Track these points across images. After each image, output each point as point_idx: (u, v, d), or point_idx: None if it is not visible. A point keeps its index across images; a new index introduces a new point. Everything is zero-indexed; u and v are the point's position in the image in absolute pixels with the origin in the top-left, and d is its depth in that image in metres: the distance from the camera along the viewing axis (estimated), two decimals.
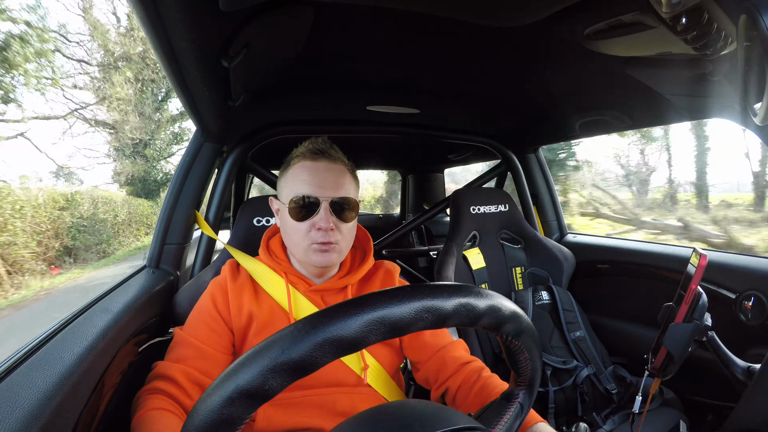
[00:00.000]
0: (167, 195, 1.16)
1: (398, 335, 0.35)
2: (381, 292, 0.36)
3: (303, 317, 0.34)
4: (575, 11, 0.68)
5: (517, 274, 1.53)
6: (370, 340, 0.34)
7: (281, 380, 0.32)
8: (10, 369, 0.55)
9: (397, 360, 0.91)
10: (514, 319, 0.42)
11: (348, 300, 0.35)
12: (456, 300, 0.37)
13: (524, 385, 0.49)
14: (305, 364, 0.32)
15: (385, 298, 0.35)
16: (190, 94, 0.85)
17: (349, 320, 0.33)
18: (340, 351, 0.33)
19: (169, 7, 0.54)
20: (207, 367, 0.78)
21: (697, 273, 0.66)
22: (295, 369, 0.32)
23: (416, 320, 0.35)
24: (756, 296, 1.04)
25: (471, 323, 0.39)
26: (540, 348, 0.47)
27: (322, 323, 0.33)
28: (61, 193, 8.74)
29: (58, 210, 8.45)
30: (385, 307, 0.34)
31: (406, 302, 0.35)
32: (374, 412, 0.40)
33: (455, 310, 0.37)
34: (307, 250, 0.81)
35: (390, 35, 0.84)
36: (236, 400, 0.31)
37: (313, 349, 0.32)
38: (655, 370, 0.73)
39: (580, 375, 1.24)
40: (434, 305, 0.36)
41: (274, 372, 0.31)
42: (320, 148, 0.83)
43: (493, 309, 0.40)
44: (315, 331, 0.32)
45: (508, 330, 0.42)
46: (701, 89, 0.91)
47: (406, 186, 3.26)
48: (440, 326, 0.37)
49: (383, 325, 0.34)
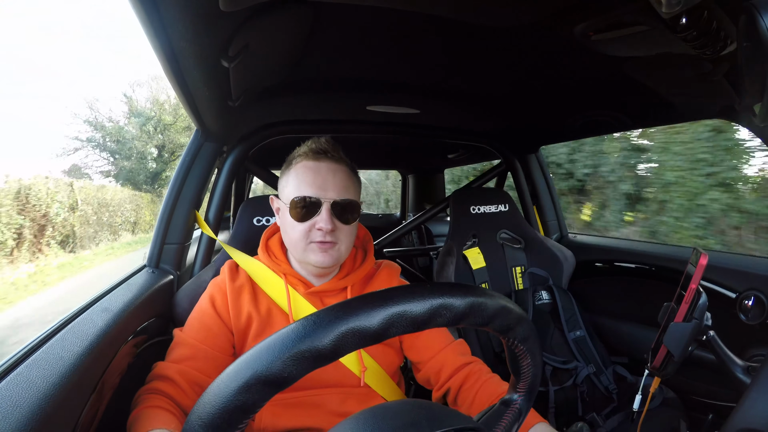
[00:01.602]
0: (167, 195, 1.16)
1: (417, 330, 0.36)
2: (403, 287, 0.37)
3: (328, 306, 0.35)
4: (575, 11, 0.68)
5: (517, 274, 1.53)
6: (391, 333, 0.34)
7: (301, 368, 0.32)
8: (10, 369, 0.55)
9: (396, 360, 0.91)
10: (523, 323, 0.43)
11: (372, 292, 0.36)
12: (471, 299, 0.38)
13: (524, 391, 0.49)
14: (328, 351, 0.32)
15: (407, 293, 0.36)
16: (190, 94, 0.85)
17: (373, 312, 0.34)
18: (362, 341, 0.33)
19: (169, 7, 0.54)
20: (206, 368, 0.78)
21: (697, 272, 0.66)
22: (318, 357, 0.32)
23: (435, 316, 0.36)
24: (756, 296, 1.04)
25: (483, 324, 0.40)
26: (542, 355, 0.47)
27: (347, 313, 0.33)
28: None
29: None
30: (407, 302, 0.35)
31: (426, 298, 0.36)
32: (374, 411, 0.40)
33: (470, 310, 0.38)
34: (306, 249, 0.81)
35: (390, 35, 0.84)
36: (253, 386, 0.31)
37: (337, 338, 0.32)
38: (655, 370, 0.73)
39: (580, 375, 1.24)
40: (452, 303, 0.37)
41: (295, 359, 0.31)
42: (323, 149, 0.83)
43: (505, 311, 0.40)
44: (341, 320, 0.33)
45: (516, 334, 0.43)
46: (701, 89, 0.91)
47: (406, 186, 3.26)
48: (456, 324, 0.38)
49: (404, 318, 0.35)
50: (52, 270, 8.13)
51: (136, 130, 16.75)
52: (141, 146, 16.68)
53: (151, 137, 16.91)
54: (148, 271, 1.08)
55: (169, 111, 17.20)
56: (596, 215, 4.47)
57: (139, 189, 15.56)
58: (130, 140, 16.60)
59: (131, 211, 12.86)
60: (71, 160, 18.32)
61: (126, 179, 16.57)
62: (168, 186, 1.19)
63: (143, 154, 16.85)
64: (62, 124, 19.08)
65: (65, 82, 30.85)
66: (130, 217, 12.77)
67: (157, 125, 16.96)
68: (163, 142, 17.00)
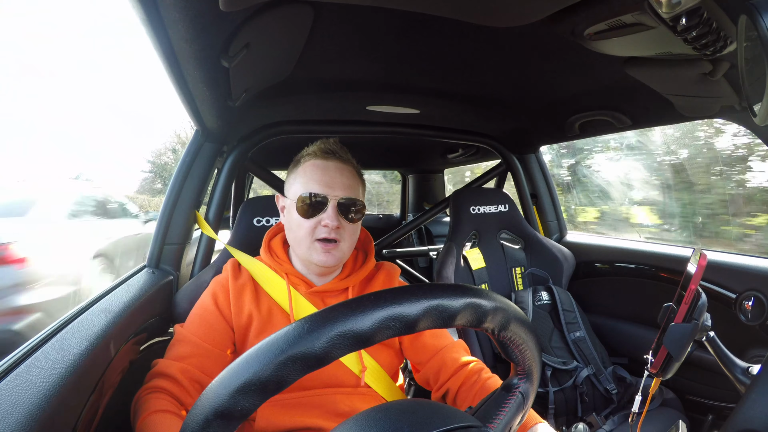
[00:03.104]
0: (167, 195, 1.16)
1: (407, 333, 0.36)
2: (393, 290, 0.37)
3: (317, 310, 0.35)
4: (575, 11, 0.68)
5: (517, 274, 1.53)
6: (379, 337, 0.34)
7: (292, 373, 0.32)
8: (10, 368, 0.55)
9: (396, 361, 0.91)
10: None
11: (360, 296, 0.36)
12: (424, 303, 0.37)
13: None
14: (320, 356, 0.32)
15: (395, 296, 0.35)
16: (190, 94, 0.85)
17: (363, 316, 0.34)
18: (353, 346, 0.33)
19: (169, 7, 0.54)
20: (207, 365, 0.78)
21: (697, 273, 0.66)
22: (307, 361, 0.32)
23: (424, 318, 0.36)
24: (756, 296, 1.04)
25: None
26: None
27: (337, 317, 0.33)
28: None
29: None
30: (396, 305, 0.35)
31: (416, 301, 0.36)
32: (373, 411, 0.40)
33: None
34: (311, 247, 0.81)
35: (390, 35, 0.84)
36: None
37: (327, 342, 0.32)
38: (655, 370, 0.73)
39: (580, 375, 1.24)
40: (442, 304, 0.37)
41: (284, 365, 0.32)
42: (331, 149, 0.84)
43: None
44: (329, 324, 0.33)
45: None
46: (701, 89, 0.91)
47: (406, 186, 3.26)
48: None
49: (395, 320, 0.34)
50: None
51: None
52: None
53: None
54: (147, 272, 1.08)
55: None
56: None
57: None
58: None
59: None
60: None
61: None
62: (168, 186, 1.19)
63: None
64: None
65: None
66: None
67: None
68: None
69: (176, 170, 1.17)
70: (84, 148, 22.51)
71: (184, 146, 1.25)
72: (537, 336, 0.47)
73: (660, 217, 3.68)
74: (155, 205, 11.05)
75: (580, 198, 4.32)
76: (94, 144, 23.22)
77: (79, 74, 25.50)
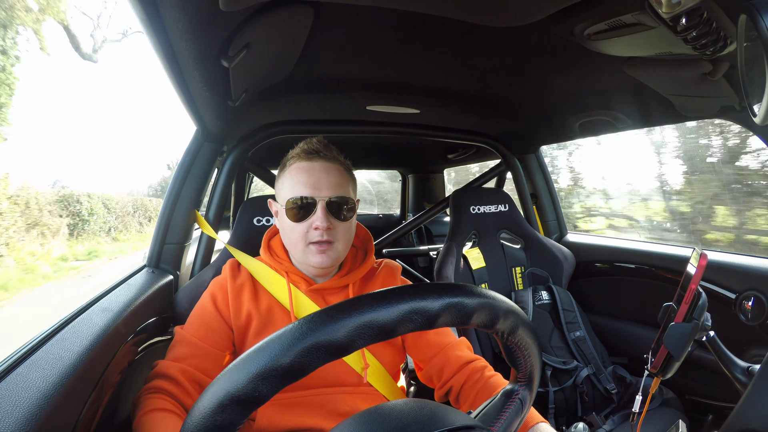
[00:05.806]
0: (167, 195, 1.16)
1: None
2: (368, 295, 0.36)
3: (290, 323, 0.34)
4: (575, 11, 0.68)
5: (517, 274, 1.53)
6: (358, 345, 0.34)
7: (271, 386, 0.32)
8: (10, 368, 0.55)
9: (398, 359, 0.91)
10: (510, 315, 0.42)
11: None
12: (445, 300, 0.37)
13: (524, 381, 0.49)
14: (294, 370, 0.32)
15: (372, 302, 0.35)
16: (190, 94, 0.85)
17: (336, 325, 0.33)
18: (328, 356, 0.33)
19: (169, 7, 0.54)
20: (207, 366, 0.78)
21: (697, 273, 0.66)
22: (284, 375, 0.32)
23: (404, 322, 0.35)
24: (756, 296, 1.04)
25: (462, 322, 0.39)
26: (538, 342, 0.47)
27: (310, 328, 0.33)
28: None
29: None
30: (372, 311, 0.34)
31: (394, 305, 0.35)
32: (373, 412, 0.40)
33: (445, 310, 0.37)
34: (306, 250, 0.81)
35: (390, 35, 0.84)
36: (228, 406, 0.31)
37: (301, 355, 0.32)
38: (655, 370, 0.73)
39: (580, 375, 1.24)
40: (423, 306, 0.36)
41: (263, 378, 0.31)
42: (315, 149, 0.83)
43: (486, 306, 0.39)
44: (303, 336, 0.32)
45: (502, 327, 0.42)
46: (701, 89, 0.91)
47: (406, 186, 3.26)
48: (431, 327, 0.37)
49: (371, 328, 0.34)
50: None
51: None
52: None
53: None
54: (147, 271, 1.08)
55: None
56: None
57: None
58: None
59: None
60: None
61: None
62: (168, 186, 1.19)
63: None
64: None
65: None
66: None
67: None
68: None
69: (176, 170, 1.17)
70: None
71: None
72: (540, 344, 0.47)
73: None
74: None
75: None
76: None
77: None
